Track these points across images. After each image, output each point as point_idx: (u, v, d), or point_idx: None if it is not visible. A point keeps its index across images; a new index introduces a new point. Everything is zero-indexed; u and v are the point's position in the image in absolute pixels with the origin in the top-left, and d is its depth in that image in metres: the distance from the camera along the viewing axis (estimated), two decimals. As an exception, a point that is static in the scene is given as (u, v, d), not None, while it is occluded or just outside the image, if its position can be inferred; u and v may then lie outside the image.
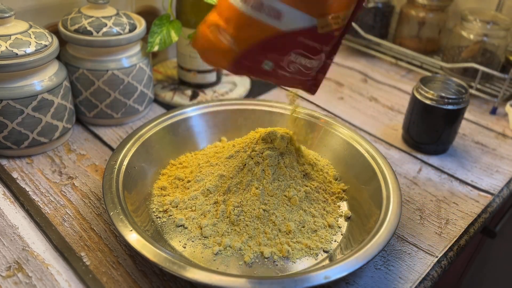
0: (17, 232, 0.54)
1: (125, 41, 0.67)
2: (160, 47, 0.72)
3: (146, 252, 0.45)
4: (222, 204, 0.55)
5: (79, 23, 0.66)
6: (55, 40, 0.64)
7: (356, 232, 0.54)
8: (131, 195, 0.55)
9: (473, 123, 0.84)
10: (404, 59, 1.02)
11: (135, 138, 0.61)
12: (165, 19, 0.73)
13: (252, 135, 0.60)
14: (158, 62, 0.94)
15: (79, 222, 0.56)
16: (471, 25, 0.90)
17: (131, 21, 0.70)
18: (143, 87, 0.73)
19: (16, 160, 0.65)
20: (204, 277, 0.43)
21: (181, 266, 0.44)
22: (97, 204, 0.59)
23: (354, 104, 0.87)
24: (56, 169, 0.64)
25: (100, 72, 0.68)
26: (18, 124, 0.62)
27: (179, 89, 0.85)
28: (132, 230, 0.47)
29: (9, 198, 0.58)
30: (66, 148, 0.68)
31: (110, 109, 0.72)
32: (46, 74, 0.63)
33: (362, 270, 0.52)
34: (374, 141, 0.76)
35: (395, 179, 0.56)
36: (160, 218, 0.55)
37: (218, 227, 0.53)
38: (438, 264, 0.54)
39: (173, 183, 0.60)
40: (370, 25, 1.04)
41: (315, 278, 0.43)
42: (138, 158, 0.60)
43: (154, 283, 0.49)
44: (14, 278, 0.48)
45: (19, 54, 0.58)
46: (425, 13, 0.98)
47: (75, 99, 0.71)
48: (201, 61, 0.82)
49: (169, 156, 0.64)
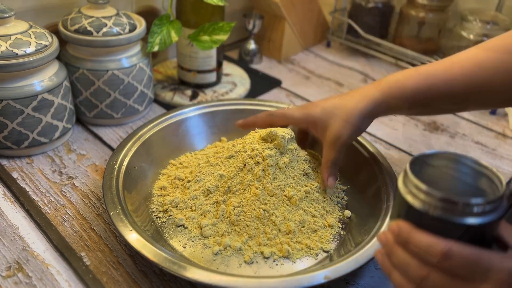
0: (17, 232, 0.54)
1: (125, 41, 0.67)
2: (160, 47, 0.73)
3: (146, 252, 0.45)
4: (222, 204, 0.55)
5: (79, 23, 0.66)
6: (55, 40, 0.64)
7: (356, 232, 0.54)
8: (131, 195, 0.55)
9: (473, 123, 0.84)
10: (404, 59, 1.02)
11: (135, 138, 0.61)
12: (165, 19, 0.73)
13: (252, 135, 0.60)
14: (158, 62, 0.94)
15: (79, 222, 0.56)
16: (471, 25, 0.90)
17: (131, 21, 0.70)
18: (143, 87, 0.73)
19: (16, 160, 0.65)
20: (204, 277, 0.43)
21: (181, 266, 0.44)
22: (97, 204, 0.59)
23: (354, 104, 0.87)
24: (56, 169, 0.64)
25: (100, 72, 0.68)
26: (18, 124, 0.62)
27: (179, 89, 0.85)
28: (132, 230, 0.47)
29: (9, 198, 0.58)
30: (66, 148, 0.68)
31: (110, 109, 0.72)
32: (46, 74, 0.63)
33: (362, 270, 0.52)
34: (374, 141, 0.76)
35: (395, 179, 0.56)
36: (160, 218, 0.55)
37: (218, 227, 0.53)
38: (438, 264, 0.54)
39: (173, 183, 0.60)
40: (370, 25, 1.04)
41: (315, 278, 0.43)
42: (138, 158, 0.60)
43: (154, 283, 0.49)
44: (14, 278, 0.48)
45: (19, 54, 0.58)
46: (425, 13, 0.98)
47: (75, 99, 0.71)
48: (201, 61, 0.82)
49: (169, 156, 0.64)
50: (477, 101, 0.52)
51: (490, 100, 0.52)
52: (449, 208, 0.30)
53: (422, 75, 0.49)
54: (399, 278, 0.34)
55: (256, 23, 0.96)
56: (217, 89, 0.86)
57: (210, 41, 0.75)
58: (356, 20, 1.03)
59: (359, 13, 1.04)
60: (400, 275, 0.34)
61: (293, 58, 1.04)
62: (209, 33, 0.75)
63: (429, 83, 0.49)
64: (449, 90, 0.49)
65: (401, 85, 0.49)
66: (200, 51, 0.80)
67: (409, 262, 0.32)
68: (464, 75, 0.48)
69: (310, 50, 1.09)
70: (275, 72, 0.96)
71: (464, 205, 0.30)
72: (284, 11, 0.96)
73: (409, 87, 0.49)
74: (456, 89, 0.49)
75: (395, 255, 0.34)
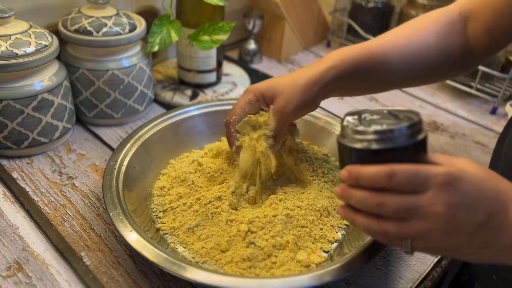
0: (17, 232, 0.53)
1: (125, 41, 0.67)
2: (160, 47, 0.72)
3: (146, 253, 0.45)
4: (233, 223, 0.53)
5: (79, 23, 0.66)
6: (55, 40, 0.64)
7: (356, 232, 0.54)
8: (131, 195, 0.55)
9: (473, 123, 0.84)
10: (404, 59, 1.02)
11: (135, 138, 0.61)
12: (165, 19, 0.73)
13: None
14: (158, 62, 0.94)
15: (79, 222, 0.56)
16: (471, 25, 0.90)
17: (131, 21, 0.70)
18: (143, 87, 0.73)
19: (16, 160, 0.65)
20: (204, 277, 0.43)
21: (181, 266, 0.44)
22: (97, 204, 0.59)
23: (354, 104, 0.87)
24: (56, 169, 0.64)
25: (100, 72, 0.68)
26: (18, 124, 0.62)
27: (179, 89, 0.85)
28: (132, 231, 0.47)
29: (9, 198, 0.58)
30: (66, 148, 0.68)
31: (110, 109, 0.72)
32: (46, 74, 0.63)
33: (362, 270, 0.52)
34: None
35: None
36: (161, 218, 0.55)
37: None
38: (438, 264, 0.54)
39: (173, 183, 0.59)
40: (370, 25, 1.04)
41: (315, 278, 0.43)
42: (138, 158, 0.60)
43: (154, 283, 0.49)
44: (14, 278, 0.48)
45: (19, 54, 0.58)
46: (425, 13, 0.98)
47: (75, 99, 0.71)
48: (201, 61, 0.82)
49: (169, 156, 0.64)
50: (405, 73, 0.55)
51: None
52: (383, 138, 0.36)
53: (360, 45, 0.53)
54: (362, 220, 0.38)
55: (256, 23, 0.96)
56: (217, 89, 0.86)
57: (210, 41, 0.75)
58: (356, 20, 1.03)
59: (359, 13, 1.04)
60: (363, 217, 0.38)
61: (293, 58, 1.04)
62: (209, 33, 0.75)
63: (365, 52, 0.52)
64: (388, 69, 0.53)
65: (343, 55, 0.52)
66: (200, 51, 0.80)
67: (365, 196, 0.36)
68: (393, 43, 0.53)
69: (310, 50, 1.09)
70: (275, 72, 0.96)
71: (393, 131, 0.36)
72: (284, 11, 0.96)
73: (349, 56, 0.52)
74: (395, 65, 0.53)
75: (352, 198, 0.37)
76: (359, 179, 0.36)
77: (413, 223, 0.35)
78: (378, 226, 0.36)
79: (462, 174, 0.34)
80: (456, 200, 0.34)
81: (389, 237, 0.36)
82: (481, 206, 0.34)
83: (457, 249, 0.36)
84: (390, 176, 0.34)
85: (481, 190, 0.35)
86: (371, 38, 0.57)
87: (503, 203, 0.35)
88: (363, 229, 0.38)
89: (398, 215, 0.35)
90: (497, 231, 0.35)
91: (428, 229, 0.34)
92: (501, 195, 0.36)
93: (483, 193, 0.35)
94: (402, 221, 0.35)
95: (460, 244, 0.35)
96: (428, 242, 0.36)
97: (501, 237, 0.35)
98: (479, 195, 0.35)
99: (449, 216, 0.34)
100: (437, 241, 0.35)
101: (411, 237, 0.36)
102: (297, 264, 0.49)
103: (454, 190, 0.34)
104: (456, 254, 0.37)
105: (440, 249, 0.37)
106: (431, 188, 0.34)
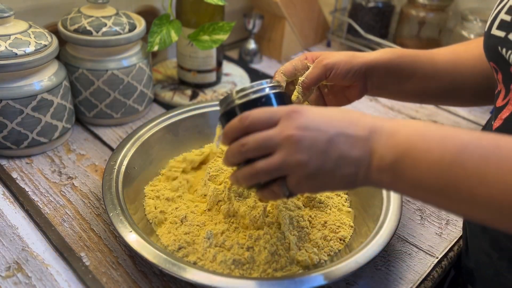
0: (16, 232, 0.53)
1: (125, 41, 0.67)
2: (160, 47, 0.72)
3: (146, 253, 0.45)
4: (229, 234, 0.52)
5: (78, 23, 0.66)
6: (54, 40, 0.64)
7: (357, 232, 0.54)
8: (131, 195, 0.55)
9: (473, 123, 0.84)
10: (404, 59, 1.01)
11: (134, 138, 0.61)
12: (165, 19, 0.73)
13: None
14: (158, 62, 0.94)
15: (79, 222, 0.55)
16: (472, 25, 0.90)
17: (131, 21, 0.70)
18: (143, 87, 0.73)
19: (15, 160, 0.65)
20: (204, 278, 0.43)
21: (181, 267, 0.44)
22: (96, 204, 0.58)
23: (354, 104, 0.87)
24: (55, 169, 0.64)
25: (99, 72, 0.68)
26: (17, 124, 0.62)
27: (179, 89, 0.85)
28: (131, 231, 0.47)
29: (9, 198, 0.58)
30: (66, 148, 0.68)
31: (110, 109, 0.71)
32: (45, 74, 0.63)
33: (362, 270, 0.52)
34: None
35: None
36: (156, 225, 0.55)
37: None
38: (438, 264, 0.54)
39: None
40: (370, 25, 1.04)
41: (315, 278, 0.43)
42: (138, 158, 0.60)
43: (154, 283, 0.49)
44: (14, 278, 0.48)
45: (18, 54, 0.58)
46: (425, 13, 0.97)
47: (75, 99, 0.71)
48: (201, 61, 0.82)
49: (169, 156, 0.64)
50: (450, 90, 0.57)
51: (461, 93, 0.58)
52: (243, 95, 0.43)
53: (409, 51, 0.57)
54: (241, 172, 0.41)
55: (256, 23, 0.96)
56: (217, 89, 0.86)
57: (210, 41, 0.75)
58: (356, 20, 1.03)
59: (359, 13, 1.04)
60: (241, 170, 0.41)
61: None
62: (209, 33, 0.75)
63: (414, 57, 0.56)
64: (432, 66, 0.56)
65: (394, 49, 0.55)
66: (200, 51, 0.80)
67: (233, 146, 0.41)
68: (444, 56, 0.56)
69: (310, 50, 1.09)
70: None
71: (253, 86, 0.43)
72: (284, 11, 0.96)
73: (400, 50, 0.55)
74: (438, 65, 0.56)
75: (227, 155, 0.42)
76: (226, 134, 0.41)
77: (276, 155, 0.38)
78: (252, 168, 0.40)
79: (304, 107, 0.39)
80: (303, 121, 0.38)
81: (261, 175, 0.39)
82: (327, 125, 0.38)
83: (320, 173, 0.38)
84: (244, 119, 0.40)
85: (324, 114, 0.39)
86: (371, 38, 0.57)
87: (350, 124, 0.38)
88: (244, 181, 0.41)
89: (260, 149, 0.39)
90: (349, 146, 0.38)
91: (288, 154, 0.38)
92: (347, 117, 0.39)
93: (327, 116, 0.39)
94: (268, 157, 0.39)
95: (320, 164, 0.37)
96: (295, 174, 0.38)
97: (353, 151, 0.37)
98: (324, 117, 0.39)
99: (299, 136, 0.37)
100: (299, 165, 0.37)
101: (278, 170, 0.39)
102: (297, 265, 0.49)
103: (299, 115, 0.38)
104: (323, 182, 0.39)
105: (307, 178, 0.38)
106: (280, 119, 0.39)
